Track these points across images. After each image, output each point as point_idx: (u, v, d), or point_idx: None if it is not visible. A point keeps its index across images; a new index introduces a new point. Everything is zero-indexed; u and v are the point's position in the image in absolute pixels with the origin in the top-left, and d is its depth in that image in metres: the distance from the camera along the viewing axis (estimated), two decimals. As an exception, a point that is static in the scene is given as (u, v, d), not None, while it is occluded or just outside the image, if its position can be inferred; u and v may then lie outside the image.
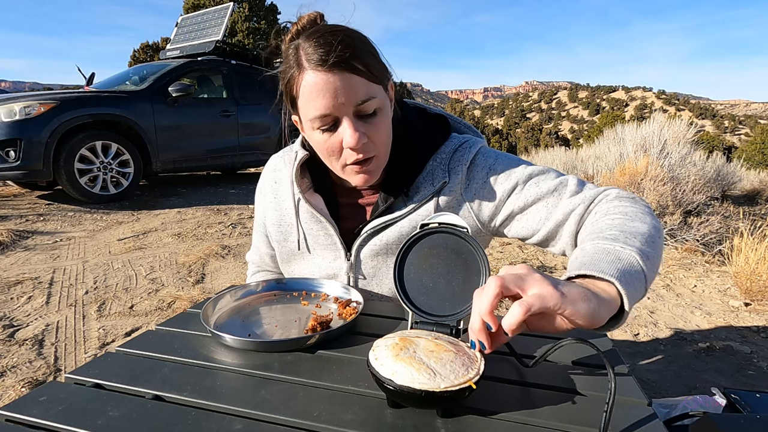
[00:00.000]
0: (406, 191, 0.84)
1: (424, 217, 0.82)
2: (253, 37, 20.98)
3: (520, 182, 0.81)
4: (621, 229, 0.65)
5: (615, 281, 0.53)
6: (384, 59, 0.77)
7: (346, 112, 0.71)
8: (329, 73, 0.68)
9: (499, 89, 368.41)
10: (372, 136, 0.74)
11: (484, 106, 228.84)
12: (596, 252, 0.60)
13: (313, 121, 0.72)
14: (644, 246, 0.61)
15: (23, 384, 1.59)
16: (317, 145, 0.77)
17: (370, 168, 0.77)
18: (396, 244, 0.84)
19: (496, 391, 0.54)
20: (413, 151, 0.85)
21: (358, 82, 0.70)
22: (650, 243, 0.63)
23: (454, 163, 0.84)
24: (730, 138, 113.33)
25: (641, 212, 0.70)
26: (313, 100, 0.70)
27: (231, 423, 0.48)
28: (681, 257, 3.37)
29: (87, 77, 5.74)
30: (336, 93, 0.69)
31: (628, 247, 0.60)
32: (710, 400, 1.01)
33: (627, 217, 0.68)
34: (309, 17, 0.75)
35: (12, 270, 2.65)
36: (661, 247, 0.65)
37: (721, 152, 8.80)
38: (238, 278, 2.68)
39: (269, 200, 0.96)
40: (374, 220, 0.84)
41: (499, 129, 68.00)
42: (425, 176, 0.84)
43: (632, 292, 0.54)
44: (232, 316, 0.77)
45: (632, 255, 0.58)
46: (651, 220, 0.68)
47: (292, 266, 0.95)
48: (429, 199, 0.83)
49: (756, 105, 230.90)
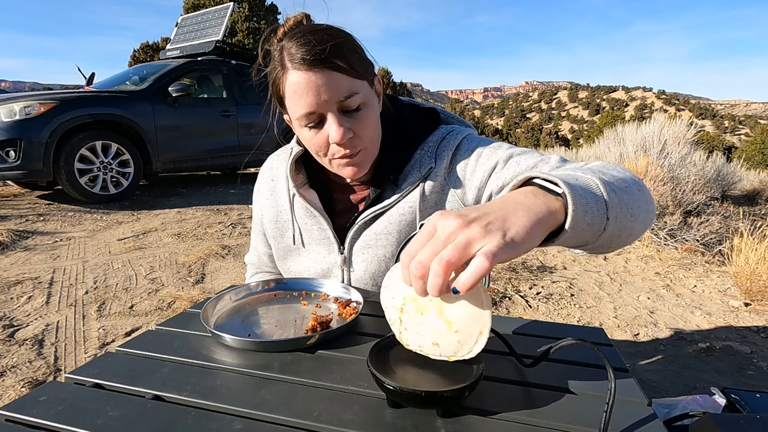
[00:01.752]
0: (394, 179, 0.84)
1: (410, 204, 0.83)
2: (253, 37, 20.98)
3: (500, 161, 0.79)
4: (591, 168, 0.61)
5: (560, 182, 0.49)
6: (369, 55, 0.78)
7: (330, 109, 0.72)
8: (310, 72, 0.70)
9: (499, 89, 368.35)
10: (357, 131, 0.75)
11: (484, 106, 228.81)
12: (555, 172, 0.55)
13: (299, 119, 0.74)
14: (612, 181, 0.57)
15: (23, 384, 1.59)
16: (306, 141, 0.79)
17: (357, 161, 0.78)
18: (384, 234, 0.85)
19: (496, 391, 0.54)
20: (404, 143, 0.86)
21: (340, 78, 0.71)
22: (620, 183, 0.58)
23: (440, 150, 0.85)
24: (730, 138, 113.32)
25: (622, 169, 0.66)
26: (297, 99, 0.72)
27: (231, 423, 0.48)
28: (681, 257, 3.37)
29: (87, 77, 5.74)
30: (318, 90, 0.70)
31: (590, 173, 0.56)
32: (710, 400, 1.01)
33: (602, 166, 0.65)
34: (295, 18, 0.77)
35: (12, 270, 2.65)
36: (634, 194, 0.59)
37: (721, 152, 8.80)
38: (238, 278, 2.68)
39: (266, 197, 0.97)
40: (365, 210, 0.85)
41: (499, 129, 67.98)
42: (413, 164, 0.85)
43: (580, 204, 0.49)
44: (232, 316, 0.77)
45: (592, 179, 0.54)
46: (631, 175, 0.64)
47: (288, 263, 0.96)
48: (416, 186, 0.83)
49: (756, 105, 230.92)
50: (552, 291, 2.73)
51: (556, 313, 2.44)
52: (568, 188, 0.49)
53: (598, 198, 0.52)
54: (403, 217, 0.83)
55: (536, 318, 2.36)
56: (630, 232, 0.58)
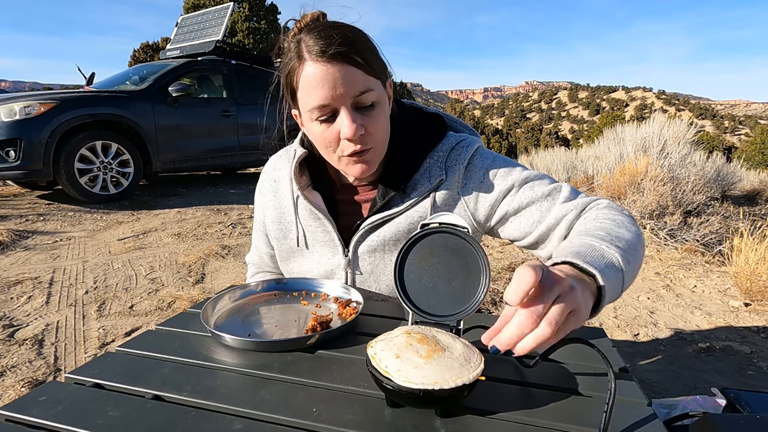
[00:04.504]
0: (404, 188, 0.85)
1: (421, 214, 0.83)
2: (253, 37, 20.99)
3: (516, 185, 0.82)
4: (608, 231, 0.68)
5: (597, 273, 0.55)
6: (383, 57, 0.79)
7: (344, 103, 0.72)
8: (329, 64, 0.70)
9: (499, 89, 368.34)
10: (369, 128, 0.75)
11: (484, 106, 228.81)
12: (582, 245, 0.62)
13: (312, 111, 0.74)
14: (627, 251, 0.64)
15: (23, 384, 1.59)
16: (315, 136, 0.78)
17: (367, 158, 0.78)
18: (393, 241, 0.85)
19: (496, 391, 0.54)
20: (411, 147, 0.86)
21: (357, 74, 0.71)
22: (633, 250, 0.66)
23: (451, 161, 0.85)
24: (730, 138, 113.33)
25: (628, 222, 0.73)
26: (312, 91, 0.72)
27: (231, 423, 0.48)
28: (681, 257, 3.37)
29: (87, 77, 5.74)
30: (335, 83, 0.70)
31: (613, 248, 0.63)
32: (710, 400, 1.01)
33: (615, 223, 0.71)
34: (312, 15, 0.78)
35: (12, 270, 2.65)
36: (641, 256, 0.69)
37: (721, 152, 8.79)
38: (238, 278, 2.68)
39: (269, 198, 0.97)
40: (372, 216, 0.85)
41: (499, 129, 67.99)
42: (422, 173, 0.85)
43: (610, 288, 0.56)
44: (232, 316, 0.77)
45: (615, 255, 0.61)
46: (636, 230, 0.72)
47: (291, 264, 0.96)
48: (426, 195, 0.84)
49: (756, 105, 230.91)
50: (552, 291, 2.72)
51: (556, 313, 2.44)
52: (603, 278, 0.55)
53: (618, 275, 0.60)
54: (412, 225, 0.84)
55: (536, 318, 2.35)
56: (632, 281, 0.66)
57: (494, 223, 0.86)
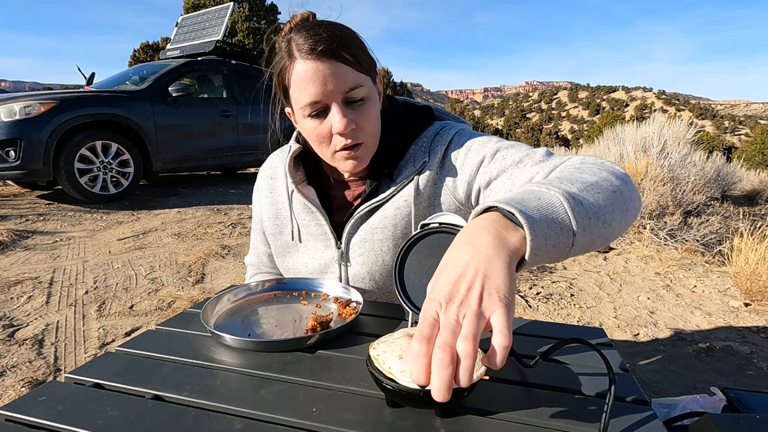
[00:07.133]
0: (389, 173, 0.85)
1: (405, 198, 0.84)
2: (253, 37, 20.97)
3: (487, 155, 0.79)
4: (560, 177, 0.60)
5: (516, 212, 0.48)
6: (372, 54, 0.80)
7: (335, 99, 0.74)
8: (318, 61, 0.72)
9: (499, 89, 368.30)
10: (360, 123, 0.77)
11: (484, 106, 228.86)
12: (518, 192, 0.55)
13: (303, 108, 0.76)
14: (580, 191, 0.55)
15: (23, 384, 1.59)
16: (308, 132, 0.80)
17: (358, 154, 0.80)
18: (381, 228, 0.85)
19: (496, 391, 0.54)
20: (399, 139, 0.87)
21: (346, 70, 0.73)
22: (591, 190, 0.57)
23: (434, 145, 0.86)
24: (730, 138, 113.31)
25: (599, 168, 0.64)
26: (303, 88, 0.73)
27: (231, 423, 0.48)
28: (681, 257, 3.37)
29: (87, 77, 5.74)
30: (325, 80, 0.72)
31: (553, 188, 0.54)
32: (710, 400, 1.01)
33: (576, 170, 0.63)
34: (302, 16, 0.79)
35: (12, 270, 2.65)
36: (608, 198, 0.58)
37: (721, 152, 8.80)
38: (238, 278, 2.68)
39: (265, 195, 0.98)
40: (361, 204, 0.86)
41: (499, 129, 67.98)
42: (408, 159, 0.86)
43: (541, 232, 0.48)
44: (232, 315, 0.77)
45: (555, 195, 0.52)
46: (607, 175, 0.62)
47: (286, 260, 0.96)
48: (410, 179, 0.84)
49: (756, 105, 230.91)
50: (552, 291, 2.73)
51: (556, 314, 2.44)
52: (526, 219, 0.47)
53: (561, 218, 0.51)
54: (399, 210, 0.84)
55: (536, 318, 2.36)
56: (607, 236, 0.57)
57: (474, 200, 0.83)
